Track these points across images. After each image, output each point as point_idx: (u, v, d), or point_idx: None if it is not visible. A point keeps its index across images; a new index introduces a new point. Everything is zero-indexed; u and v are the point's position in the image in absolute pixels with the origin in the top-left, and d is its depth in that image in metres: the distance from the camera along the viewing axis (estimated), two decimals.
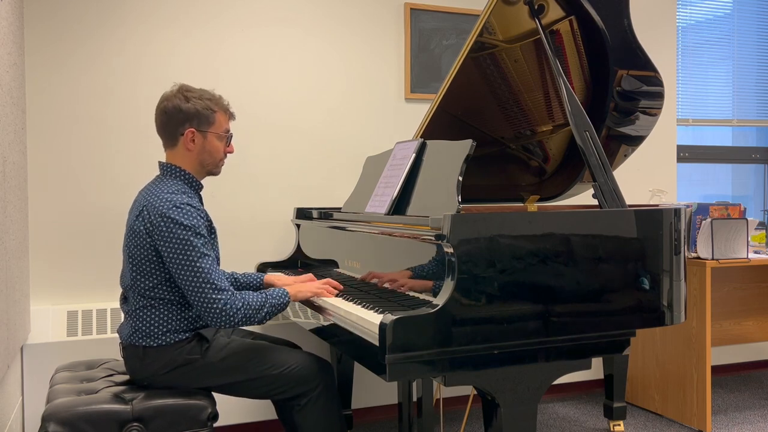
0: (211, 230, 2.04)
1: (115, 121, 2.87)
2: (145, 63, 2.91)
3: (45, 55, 2.77)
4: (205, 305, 1.88)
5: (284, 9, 3.14)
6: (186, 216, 1.89)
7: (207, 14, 3.01)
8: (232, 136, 2.13)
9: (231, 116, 2.12)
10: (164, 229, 1.88)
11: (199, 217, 1.93)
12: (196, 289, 1.87)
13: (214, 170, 2.11)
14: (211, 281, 1.88)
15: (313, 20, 3.19)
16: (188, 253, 1.87)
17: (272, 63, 3.12)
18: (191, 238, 1.88)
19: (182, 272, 1.88)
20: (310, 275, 2.34)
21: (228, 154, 2.13)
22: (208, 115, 2.03)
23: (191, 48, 2.98)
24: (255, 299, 1.94)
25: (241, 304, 1.90)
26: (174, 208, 1.89)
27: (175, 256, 1.87)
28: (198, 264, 1.87)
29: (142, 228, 1.92)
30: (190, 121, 2.01)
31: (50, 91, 2.78)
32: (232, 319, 1.89)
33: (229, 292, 1.90)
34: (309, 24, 3.18)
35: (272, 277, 2.36)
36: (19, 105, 2.49)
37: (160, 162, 2.08)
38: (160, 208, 1.89)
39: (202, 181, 2.12)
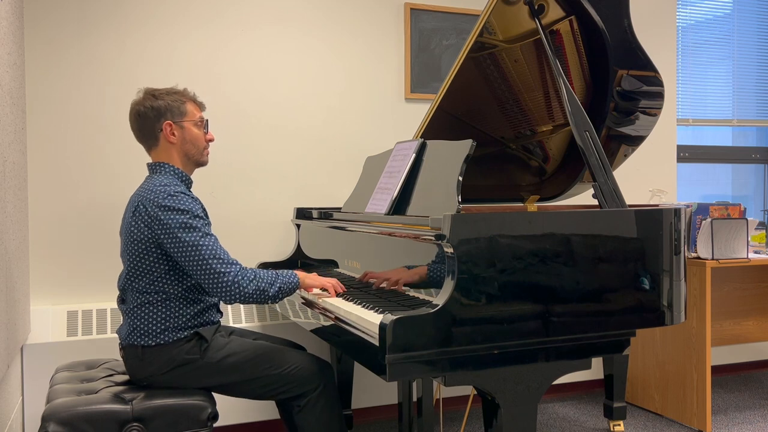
0: (206, 216, 2.05)
1: (115, 121, 2.87)
2: (145, 63, 2.91)
3: (45, 55, 2.76)
4: (214, 280, 1.89)
5: (284, 9, 3.14)
6: (182, 202, 1.93)
7: (207, 15, 3.01)
8: (207, 122, 2.16)
9: (201, 106, 2.16)
10: (162, 217, 1.90)
11: (195, 202, 1.97)
12: (203, 267, 1.89)
13: (201, 159, 2.14)
14: (217, 256, 1.90)
15: (314, 21, 3.19)
16: (190, 234, 1.90)
17: (272, 63, 3.12)
18: (190, 221, 1.91)
19: (187, 254, 1.89)
20: None
21: (210, 142, 2.16)
22: (179, 106, 2.08)
23: (191, 48, 2.98)
24: (267, 274, 1.96)
25: (253, 276, 1.92)
26: (168, 197, 1.93)
27: (178, 241, 1.89)
28: (201, 242, 1.89)
29: (140, 222, 1.93)
30: (164, 116, 2.06)
31: (50, 91, 2.78)
32: (244, 290, 1.90)
33: (239, 266, 1.93)
34: (309, 24, 3.18)
35: None
36: (19, 105, 2.49)
37: (148, 163, 2.11)
38: (155, 199, 1.92)
39: (192, 177, 2.14)
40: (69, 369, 2.20)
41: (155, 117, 2.05)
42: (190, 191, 2.05)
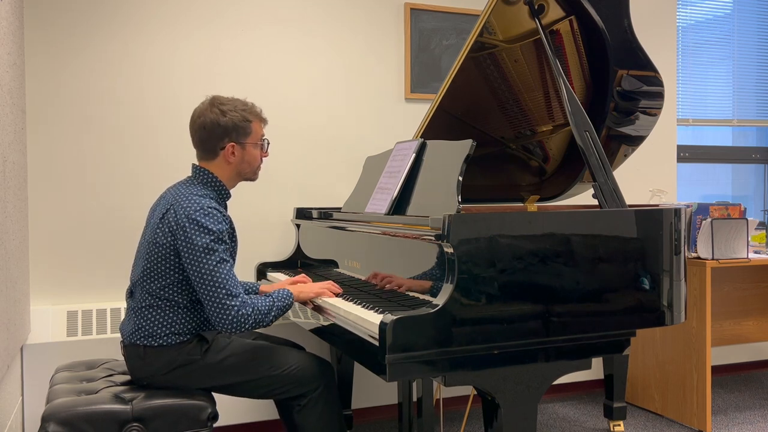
0: (233, 237, 2.05)
1: (116, 120, 2.87)
2: (145, 63, 2.91)
3: (45, 55, 2.76)
4: (218, 311, 1.88)
5: (285, 9, 3.14)
6: (212, 221, 1.90)
7: (208, 15, 3.01)
8: (268, 142, 2.14)
9: (264, 122, 2.13)
10: (188, 230, 1.88)
11: (224, 223, 1.95)
12: (210, 294, 1.88)
13: (252, 177, 2.13)
14: (226, 287, 1.88)
15: (314, 20, 3.19)
16: (208, 257, 1.88)
17: (272, 63, 3.12)
18: (213, 244, 1.89)
19: (199, 276, 1.88)
20: (302, 276, 2.35)
21: (264, 159, 2.14)
22: (246, 127, 2.04)
23: (192, 48, 2.98)
24: (263, 304, 1.95)
25: (251, 310, 1.91)
26: (201, 211, 1.90)
27: (195, 259, 1.88)
28: (216, 269, 1.88)
29: (166, 228, 1.93)
30: (229, 135, 2.02)
31: (50, 91, 2.78)
32: (243, 325, 1.89)
33: (240, 299, 1.91)
34: (310, 24, 3.18)
35: (268, 287, 2.36)
36: (19, 105, 2.49)
37: (194, 165, 2.08)
38: (188, 209, 1.91)
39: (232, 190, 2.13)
40: (69, 369, 2.20)
41: (220, 136, 2.01)
42: (224, 210, 2.04)
